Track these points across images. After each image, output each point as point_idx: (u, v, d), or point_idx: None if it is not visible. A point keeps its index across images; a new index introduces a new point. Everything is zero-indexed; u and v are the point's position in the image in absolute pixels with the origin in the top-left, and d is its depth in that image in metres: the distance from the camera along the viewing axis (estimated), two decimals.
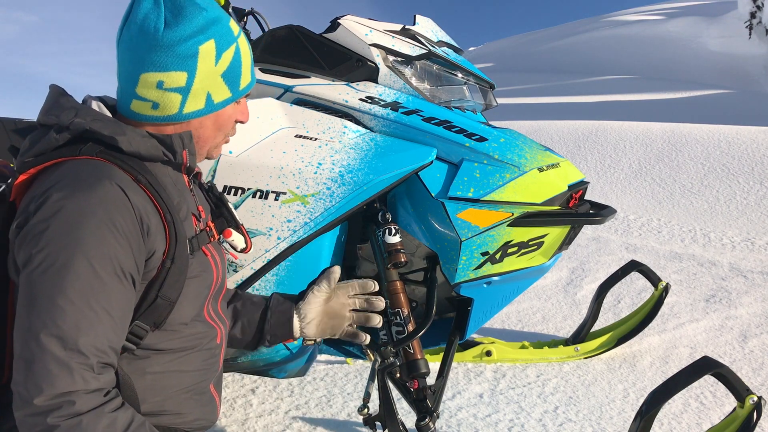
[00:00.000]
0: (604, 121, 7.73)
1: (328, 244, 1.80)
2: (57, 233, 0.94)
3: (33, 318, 0.92)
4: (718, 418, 2.00)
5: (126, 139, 1.05)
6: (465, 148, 1.84)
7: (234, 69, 1.13)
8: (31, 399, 0.90)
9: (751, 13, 17.98)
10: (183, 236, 1.09)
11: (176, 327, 1.12)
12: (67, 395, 0.91)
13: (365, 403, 1.76)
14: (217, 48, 1.09)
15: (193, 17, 1.07)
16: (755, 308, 2.99)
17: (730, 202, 5.24)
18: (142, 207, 1.02)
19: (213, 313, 1.23)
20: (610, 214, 2.03)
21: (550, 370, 2.38)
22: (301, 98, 1.86)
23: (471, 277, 1.91)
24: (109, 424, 0.93)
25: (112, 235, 0.97)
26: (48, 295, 0.93)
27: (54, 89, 1.12)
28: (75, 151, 1.03)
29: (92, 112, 1.07)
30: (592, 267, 3.73)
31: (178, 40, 1.05)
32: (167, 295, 1.07)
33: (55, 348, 0.91)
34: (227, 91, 1.13)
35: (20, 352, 0.93)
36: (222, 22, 1.11)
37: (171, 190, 1.12)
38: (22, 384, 0.91)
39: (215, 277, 1.21)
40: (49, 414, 0.90)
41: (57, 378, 0.90)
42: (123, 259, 0.99)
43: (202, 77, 1.09)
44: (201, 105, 1.11)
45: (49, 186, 0.99)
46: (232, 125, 1.21)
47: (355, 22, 1.91)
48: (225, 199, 1.33)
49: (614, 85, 14.98)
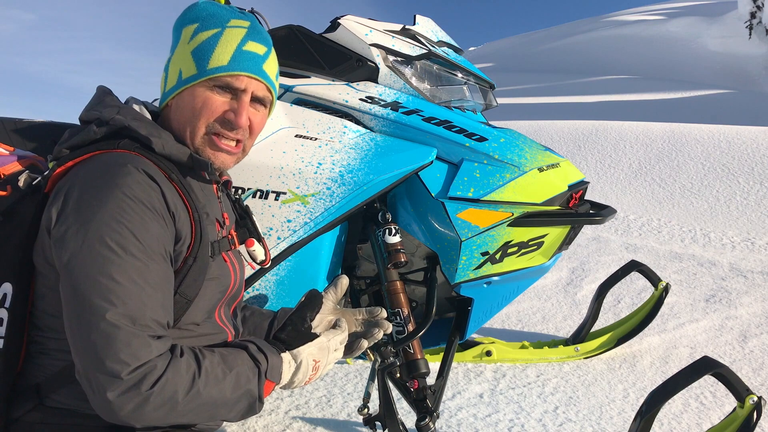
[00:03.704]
0: (604, 121, 7.73)
1: (328, 244, 1.80)
2: (104, 219, 0.99)
3: (97, 300, 0.95)
4: (718, 418, 2.00)
5: (160, 141, 1.10)
6: (465, 148, 1.84)
7: (205, 48, 1.15)
8: (119, 374, 0.93)
9: (751, 13, 17.99)
10: (207, 237, 1.13)
11: (188, 327, 1.15)
12: (149, 362, 0.95)
13: (365, 403, 1.76)
14: (196, 30, 1.16)
15: (196, 8, 1.19)
16: (755, 308, 2.99)
17: (730, 202, 5.24)
18: (171, 197, 1.07)
19: (224, 317, 1.26)
20: (610, 214, 2.03)
21: (550, 370, 2.38)
22: (301, 98, 1.86)
23: (471, 277, 1.91)
24: (186, 366, 1.00)
25: (153, 216, 1.03)
26: (107, 276, 0.96)
27: (100, 89, 1.19)
28: (113, 145, 1.09)
29: (133, 111, 1.13)
30: (592, 267, 3.73)
31: (174, 27, 1.19)
32: (186, 293, 1.11)
33: (127, 324, 0.95)
34: (193, 67, 1.16)
35: (89, 336, 0.95)
36: (218, 14, 1.18)
37: (198, 193, 1.17)
38: (101, 365, 0.93)
39: (232, 283, 1.24)
40: (140, 385, 0.94)
41: (138, 349, 0.95)
42: (164, 239, 1.05)
43: (177, 55, 1.17)
44: (174, 82, 1.18)
45: (88, 175, 1.03)
46: (214, 114, 1.15)
47: (355, 22, 1.91)
48: (250, 212, 1.37)
49: (614, 85, 14.97)
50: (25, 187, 1.11)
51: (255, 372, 1.08)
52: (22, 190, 1.10)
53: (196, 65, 1.15)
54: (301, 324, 1.21)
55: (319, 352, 1.20)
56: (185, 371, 0.99)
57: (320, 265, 1.80)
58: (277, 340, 1.18)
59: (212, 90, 1.15)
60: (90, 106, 1.15)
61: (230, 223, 1.29)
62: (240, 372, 1.06)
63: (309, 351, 1.18)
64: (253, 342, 1.13)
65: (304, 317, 1.22)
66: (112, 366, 0.93)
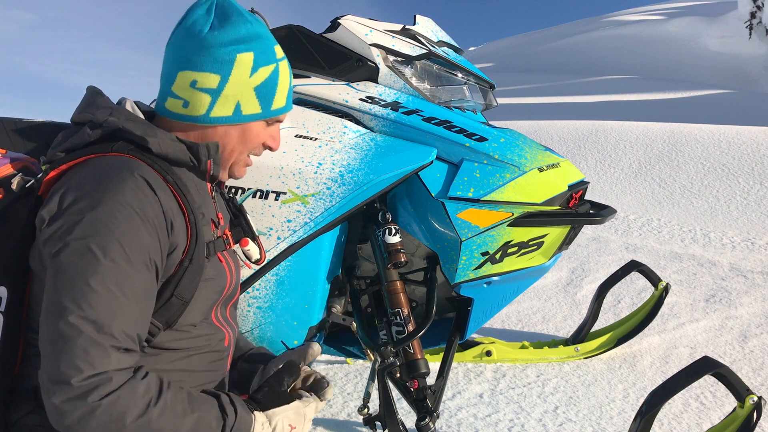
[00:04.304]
0: (604, 121, 7.73)
1: (328, 244, 1.80)
2: (92, 222, 0.97)
3: (66, 302, 0.93)
4: (718, 418, 2.00)
5: (156, 141, 1.08)
6: (465, 148, 1.84)
7: (269, 87, 1.15)
8: (69, 379, 0.90)
9: (751, 13, 17.98)
10: (203, 238, 1.12)
11: (185, 327, 1.14)
12: (104, 374, 0.92)
13: (365, 403, 1.76)
14: (255, 61, 1.12)
15: (238, 26, 1.11)
16: (755, 308, 2.99)
17: (730, 202, 5.24)
18: (168, 204, 1.05)
19: (221, 317, 1.25)
20: (610, 214, 2.03)
21: (550, 370, 2.38)
22: (301, 98, 1.86)
23: (471, 277, 1.91)
24: (145, 390, 0.96)
25: (144, 225, 1.00)
26: (83, 280, 0.94)
27: (91, 90, 1.16)
28: (107, 148, 1.06)
29: (126, 112, 1.10)
30: (592, 267, 3.73)
31: (218, 44, 1.09)
32: (182, 295, 1.09)
33: (90, 330, 0.92)
34: (257, 106, 1.15)
35: (51, 336, 0.93)
36: (266, 40, 1.14)
37: (194, 193, 1.15)
38: (56, 368, 0.91)
39: (228, 283, 1.23)
40: (88, 395, 0.90)
41: (94, 357, 0.92)
42: (152, 251, 1.01)
43: (235, 84, 1.11)
44: (229, 112, 1.13)
45: (82, 179, 1.01)
46: (259, 146, 1.21)
47: (355, 22, 1.91)
48: (244, 211, 1.36)
49: (614, 85, 14.97)
50: (18, 189, 1.09)
51: (220, 423, 1.03)
52: (15, 192, 1.09)
53: (261, 105, 1.15)
54: (278, 386, 1.17)
55: (296, 416, 1.16)
56: (141, 394, 0.95)
57: (320, 265, 1.80)
58: (252, 401, 1.14)
59: (264, 124, 1.19)
60: (81, 108, 1.12)
61: (225, 222, 1.28)
62: (202, 417, 1.01)
63: (285, 414, 1.14)
64: (228, 395, 1.10)
65: (281, 381, 1.18)
66: (65, 370, 0.90)
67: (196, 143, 1.12)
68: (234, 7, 1.13)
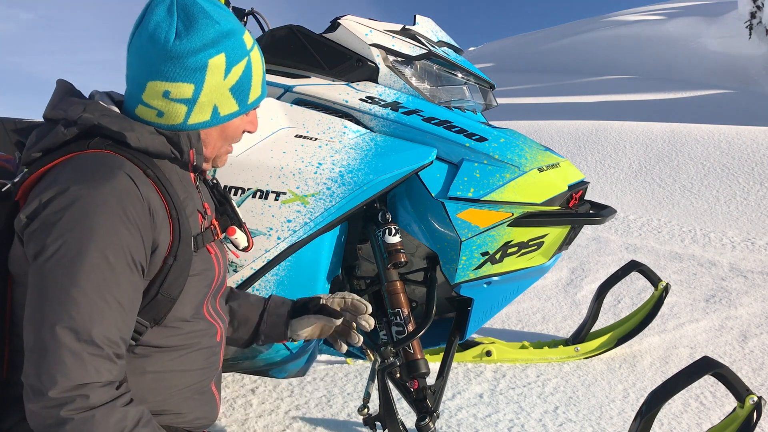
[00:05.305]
0: (604, 121, 7.73)
1: (328, 244, 1.80)
2: (70, 224, 0.95)
3: (46, 309, 0.92)
4: (718, 418, 2.00)
5: (135, 135, 1.05)
6: (465, 148, 1.84)
7: (243, 83, 1.12)
8: (46, 390, 0.90)
9: (751, 13, 17.95)
10: (187, 233, 1.09)
11: (176, 324, 1.12)
12: (82, 387, 0.91)
13: (365, 403, 1.76)
14: (227, 62, 1.08)
15: (205, 30, 1.05)
16: (755, 308, 2.99)
17: (730, 202, 5.24)
18: (151, 199, 1.03)
19: (212, 311, 1.23)
20: (610, 214, 2.03)
21: (550, 370, 2.38)
22: (301, 98, 1.86)
23: (471, 277, 1.91)
24: (120, 419, 0.94)
25: (125, 225, 0.98)
26: (61, 286, 0.93)
27: (61, 84, 1.12)
28: (83, 146, 1.03)
29: (100, 107, 1.07)
30: (592, 267, 3.73)
31: (187, 52, 1.04)
32: (168, 292, 1.07)
33: (69, 339, 0.91)
34: (234, 105, 1.13)
35: (33, 343, 0.93)
36: (235, 36, 1.09)
37: (177, 186, 1.12)
38: (36, 376, 0.91)
39: (217, 275, 1.21)
40: (63, 406, 0.90)
41: (71, 369, 0.91)
42: (134, 250, 0.99)
43: (210, 90, 1.08)
44: (206, 117, 1.11)
45: (61, 178, 0.99)
46: (240, 135, 1.21)
47: (355, 22, 1.91)
48: (229, 197, 1.33)
49: (614, 85, 14.96)
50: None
51: None
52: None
53: (237, 102, 1.13)
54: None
55: None
56: (114, 422, 0.92)
57: (320, 265, 1.80)
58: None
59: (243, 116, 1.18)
60: (53, 104, 1.08)
61: (211, 212, 1.25)
62: None
63: None
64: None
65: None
66: (43, 380, 0.90)
67: (176, 133, 1.09)
68: (196, 4, 1.06)
